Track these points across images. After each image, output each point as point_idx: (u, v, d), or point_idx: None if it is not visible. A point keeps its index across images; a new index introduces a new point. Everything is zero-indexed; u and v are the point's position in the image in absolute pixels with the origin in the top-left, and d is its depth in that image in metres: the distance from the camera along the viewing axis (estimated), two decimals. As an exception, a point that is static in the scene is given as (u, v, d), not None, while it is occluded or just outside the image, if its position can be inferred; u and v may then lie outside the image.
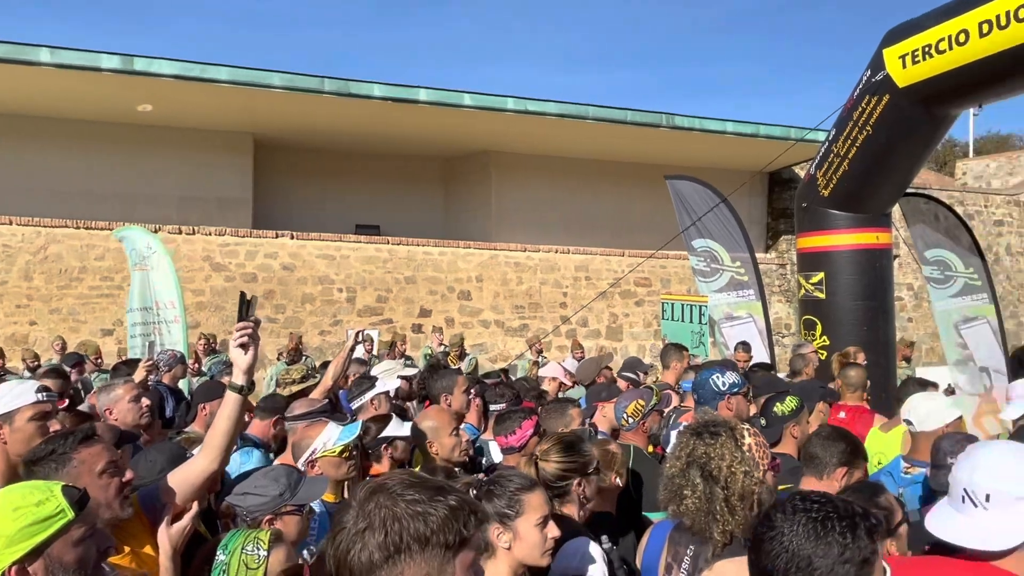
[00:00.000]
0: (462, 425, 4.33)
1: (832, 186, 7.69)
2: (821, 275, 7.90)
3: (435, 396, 3.64)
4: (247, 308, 2.13)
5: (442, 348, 10.08)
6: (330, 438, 2.77)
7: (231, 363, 2.23)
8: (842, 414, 4.18)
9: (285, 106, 11.82)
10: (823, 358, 7.24)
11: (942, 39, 6.53)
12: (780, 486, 2.97)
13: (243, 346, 2.07)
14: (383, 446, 2.84)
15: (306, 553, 2.34)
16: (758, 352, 7.33)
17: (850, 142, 7.42)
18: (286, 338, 10.11)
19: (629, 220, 15.06)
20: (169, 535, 2.05)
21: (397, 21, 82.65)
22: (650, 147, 14.48)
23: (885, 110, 7.09)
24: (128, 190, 12.54)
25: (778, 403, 3.33)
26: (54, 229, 10.83)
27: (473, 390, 3.87)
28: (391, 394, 4.06)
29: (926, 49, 6.69)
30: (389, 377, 4.22)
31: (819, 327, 7.90)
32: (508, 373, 6.83)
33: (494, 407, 3.96)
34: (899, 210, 8.53)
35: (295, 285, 11.85)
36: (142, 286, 7.80)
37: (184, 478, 2.10)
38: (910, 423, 3.20)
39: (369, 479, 2.39)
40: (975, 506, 1.65)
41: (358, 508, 1.18)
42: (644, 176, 14.35)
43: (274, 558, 1.83)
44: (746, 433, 1.92)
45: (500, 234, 14.32)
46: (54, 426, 2.40)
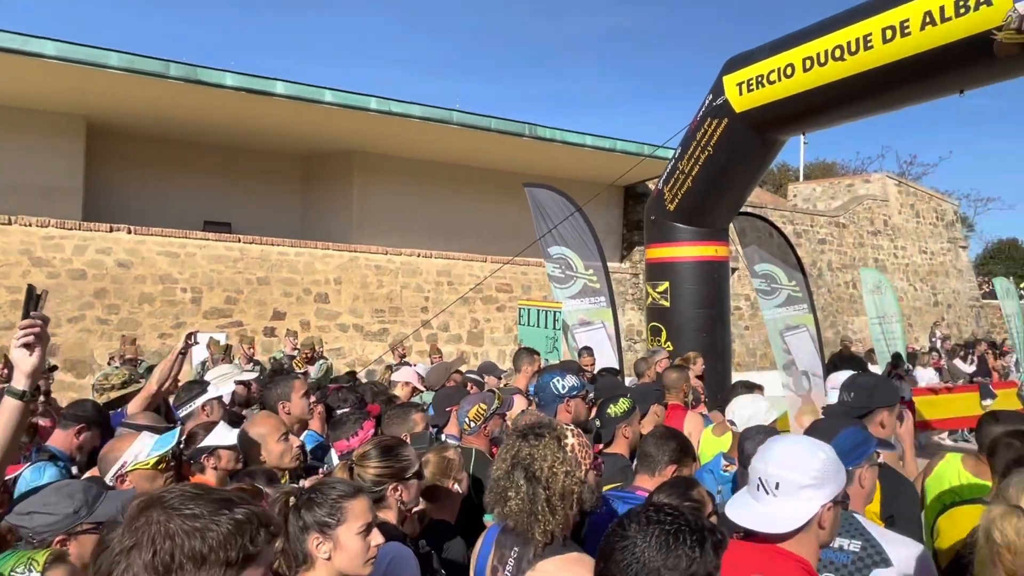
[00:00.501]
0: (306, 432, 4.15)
1: (677, 201, 8.17)
2: (666, 284, 8.36)
3: (271, 403, 3.45)
4: (35, 303, 1.91)
5: (295, 352, 9.68)
6: (143, 449, 2.55)
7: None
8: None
9: (124, 89, 10.87)
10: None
11: (773, 70, 7.13)
12: (609, 485, 3.08)
13: (27, 346, 1.85)
14: (204, 456, 2.64)
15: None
16: (608, 357, 7.62)
17: (693, 160, 7.92)
18: (118, 341, 9.28)
19: (492, 226, 15.22)
20: None
21: (259, 12, 78.78)
22: (514, 156, 14.73)
23: (724, 133, 7.63)
24: (-69, 172, 11.06)
25: (612, 405, 3.46)
26: None
27: (314, 396, 3.71)
28: (225, 400, 3.81)
29: (759, 79, 7.27)
30: (224, 382, 3.97)
31: (664, 333, 8.36)
32: (356, 376, 6.65)
33: (338, 412, 3.83)
34: (737, 227, 9.21)
35: (131, 284, 10.92)
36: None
37: None
38: (733, 424, 3.43)
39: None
40: (767, 494, 1.79)
41: (126, 525, 1.07)
42: (508, 184, 14.56)
43: (50, 582, 1.64)
44: (569, 434, 1.96)
45: (361, 236, 13.99)
46: None
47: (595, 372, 6.31)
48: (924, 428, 12.13)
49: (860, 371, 5.45)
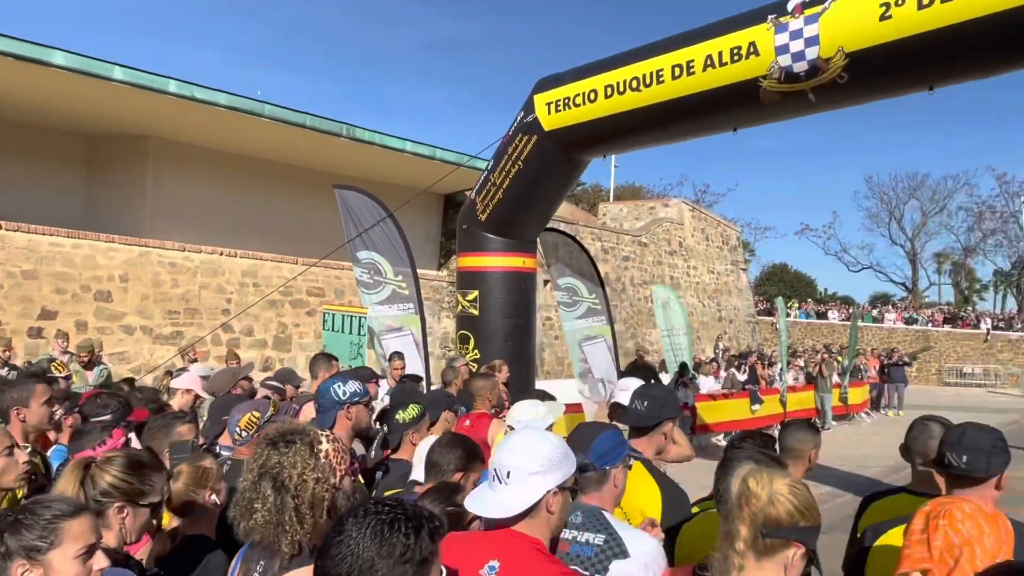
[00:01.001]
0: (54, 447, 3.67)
1: (488, 212, 8.35)
2: (476, 293, 8.50)
3: (2, 408, 3.00)
4: None
5: (67, 356, 8.59)
6: None
7: None
8: (468, 422, 4.47)
9: None
10: (474, 370, 7.78)
11: (579, 94, 7.53)
12: (390, 491, 3.03)
13: None
14: None
15: None
16: (415, 364, 7.57)
17: (504, 173, 8.15)
18: None
19: (305, 228, 14.60)
20: None
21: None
22: (330, 156, 14.27)
23: (533, 149, 7.93)
24: None
25: (400, 411, 3.42)
26: None
27: (60, 406, 3.28)
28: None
29: (567, 100, 7.65)
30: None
31: (472, 341, 8.48)
32: (134, 383, 6.04)
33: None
34: (545, 241, 9.61)
35: None
36: None
37: None
38: (512, 428, 3.52)
39: None
40: (500, 483, 1.89)
41: None
42: (323, 184, 14.01)
43: None
44: (324, 440, 1.88)
45: (155, 230, 12.78)
46: None
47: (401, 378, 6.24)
48: (704, 430, 13.46)
49: (650, 380, 5.87)
